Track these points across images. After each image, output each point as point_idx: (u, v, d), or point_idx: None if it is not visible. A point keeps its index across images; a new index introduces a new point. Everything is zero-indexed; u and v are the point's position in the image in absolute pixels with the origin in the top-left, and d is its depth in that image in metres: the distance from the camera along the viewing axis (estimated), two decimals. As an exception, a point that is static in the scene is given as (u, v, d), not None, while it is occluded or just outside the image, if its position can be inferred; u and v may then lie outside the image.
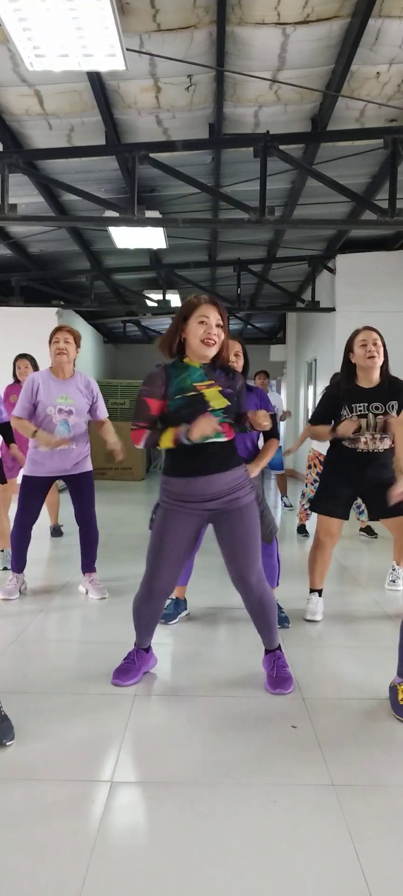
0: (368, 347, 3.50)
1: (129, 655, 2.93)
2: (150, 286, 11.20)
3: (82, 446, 4.18)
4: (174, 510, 2.69)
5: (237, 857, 1.77)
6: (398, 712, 2.56)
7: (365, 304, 8.80)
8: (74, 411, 4.08)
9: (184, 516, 2.68)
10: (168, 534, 2.70)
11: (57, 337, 4.11)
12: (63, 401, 4.06)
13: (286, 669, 2.86)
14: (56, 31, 3.51)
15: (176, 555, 2.72)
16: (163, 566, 2.71)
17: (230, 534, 2.70)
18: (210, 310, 2.62)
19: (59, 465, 4.09)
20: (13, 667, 3.07)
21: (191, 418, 2.55)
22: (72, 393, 4.10)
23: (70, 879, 1.67)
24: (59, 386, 4.09)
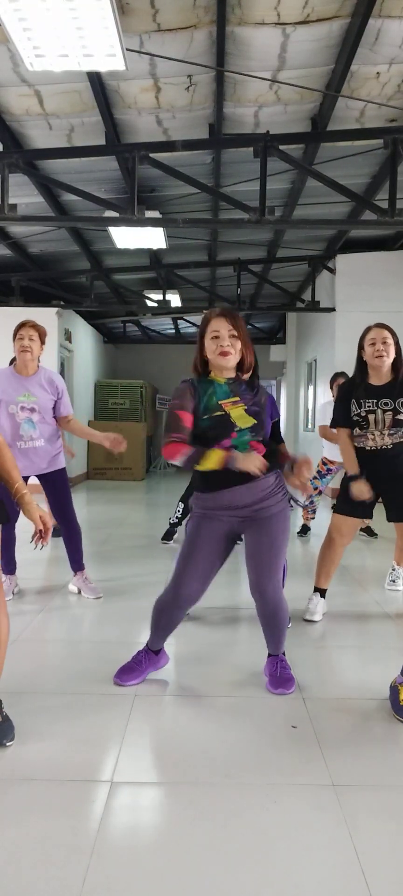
0: (377, 346, 3.52)
1: (138, 655, 2.91)
2: (150, 286, 11.20)
3: (53, 442, 4.08)
4: (205, 517, 2.70)
5: (237, 856, 1.77)
6: (398, 712, 2.56)
7: (365, 304, 8.80)
8: (37, 408, 3.97)
9: (215, 523, 2.68)
10: (199, 539, 2.69)
11: (21, 334, 3.99)
12: (25, 399, 3.95)
13: (288, 671, 2.87)
14: (56, 31, 3.51)
15: (206, 562, 2.70)
16: (191, 573, 2.69)
17: (255, 542, 2.69)
18: (220, 322, 2.62)
19: (31, 464, 3.99)
20: (13, 667, 3.07)
21: (218, 439, 2.57)
22: (35, 390, 3.98)
23: (70, 879, 1.67)
24: (21, 383, 3.97)
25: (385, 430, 3.51)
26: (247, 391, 2.70)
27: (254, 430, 2.64)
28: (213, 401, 2.62)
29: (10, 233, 8.45)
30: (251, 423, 2.63)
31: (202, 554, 2.69)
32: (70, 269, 10.16)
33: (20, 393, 3.96)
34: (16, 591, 4.20)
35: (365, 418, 3.53)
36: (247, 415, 2.63)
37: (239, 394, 2.66)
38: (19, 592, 4.24)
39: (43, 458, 4.03)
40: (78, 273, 9.95)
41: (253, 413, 2.65)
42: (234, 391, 2.65)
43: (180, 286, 10.64)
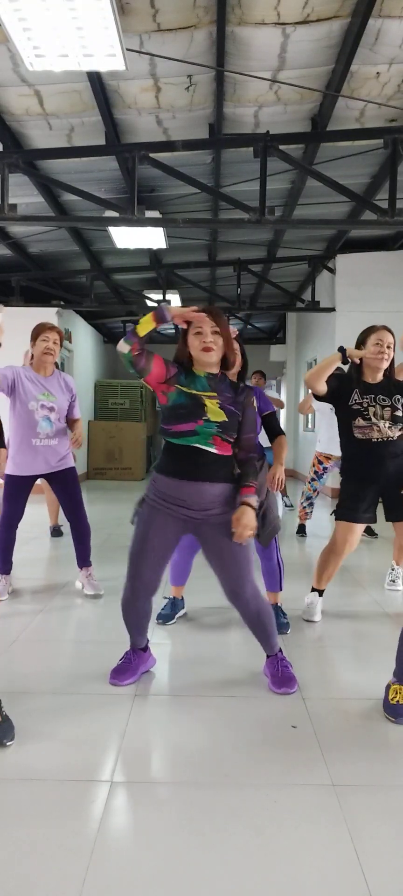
0: (382, 348, 3.57)
1: (126, 655, 2.94)
2: (150, 286, 11.19)
3: (64, 443, 4.18)
4: (159, 509, 2.67)
5: (237, 857, 1.77)
6: (387, 711, 2.58)
7: (365, 304, 8.80)
8: (56, 408, 4.10)
9: (168, 518, 2.66)
10: (150, 531, 2.68)
11: (46, 336, 4.08)
12: (45, 398, 4.07)
13: (289, 669, 2.87)
14: (56, 31, 3.51)
15: (158, 554, 2.70)
16: (145, 564, 2.69)
17: (217, 547, 2.66)
18: (203, 320, 2.64)
19: (43, 462, 4.09)
20: (13, 667, 3.07)
21: (186, 417, 2.58)
22: (54, 390, 4.12)
23: (70, 879, 1.67)
24: (43, 382, 4.10)
25: (387, 422, 3.54)
26: (228, 389, 2.68)
27: (223, 427, 2.60)
28: (191, 386, 2.63)
29: (10, 233, 8.45)
30: (221, 419, 2.60)
31: (153, 544, 2.67)
32: (70, 269, 10.16)
33: (41, 391, 4.07)
34: (10, 591, 4.21)
35: (367, 409, 3.55)
36: (220, 410, 2.61)
37: (218, 390, 2.65)
38: (13, 592, 4.23)
39: (54, 456, 4.12)
40: (78, 273, 9.95)
41: (227, 411, 2.62)
42: (213, 387, 2.65)
43: (180, 286, 10.64)
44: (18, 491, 4.09)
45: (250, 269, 9.43)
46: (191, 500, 2.61)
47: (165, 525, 2.67)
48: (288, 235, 8.74)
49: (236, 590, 2.68)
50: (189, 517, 2.64)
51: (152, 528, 2.68)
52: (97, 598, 4.13)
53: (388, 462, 3.54)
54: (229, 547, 2.62)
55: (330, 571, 3.75)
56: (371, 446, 3.54)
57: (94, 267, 9.76)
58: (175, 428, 2.61)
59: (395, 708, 2.55)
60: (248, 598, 2.69)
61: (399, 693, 2.58)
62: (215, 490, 2.61)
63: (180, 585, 3.74)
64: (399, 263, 9.24)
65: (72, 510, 4.21)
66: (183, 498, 2.62)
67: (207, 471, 2.60)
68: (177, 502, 2.63)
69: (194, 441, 2.58)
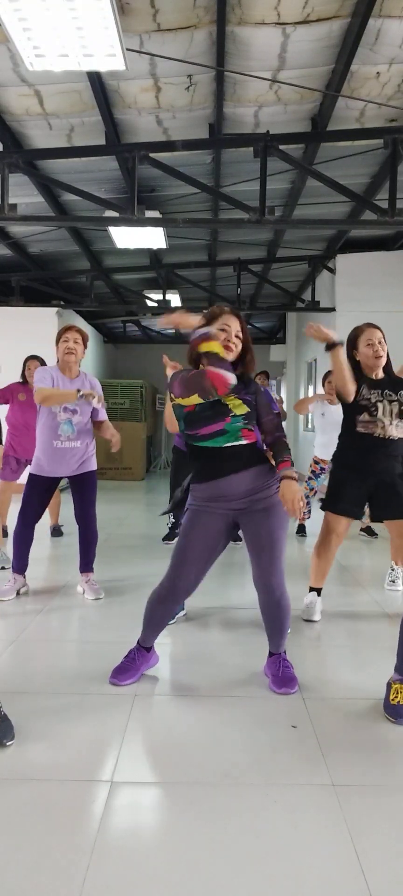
0: (375, 347, 3.58)
1: (130, 654, 2.93)
2: (150, 286, 11.20)
3: (88, 444, 4.19)
4: (201, 510, 2.74)
5: (237, 856, 1.77)
6: (387, 711, 2.58)
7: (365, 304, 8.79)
8: (79, 411, 4.09)
9: (210, 517, 2.73)
10: (194, 532, 2.74)
11: (66, 336, 4.11)
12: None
13: (291, 670, 2.87)
14: (56, 31, 3.51)
15: (201, 554, 2.74)
16: (187, 565, 2.74)
17: (255, 534, 2.74)
18: (232, 319, 2.76)
19: (64, 464, 4.10)
20: (13, 667, 3.07)
21: (213, 418, 2.66)
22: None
23: (70, 879, 1.67)
24: (67, 384, 4.09)
25: (394, 421, 3.55)
26: (239, 384, 2.73)
27: (247, 417, 2.71)
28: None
29: (10, 233, 8.45)
30: (245, 411, 2.70)
31: (197, 547, 2.73)
32: (70, 268, 10.16)
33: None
34: (22, 590, 4.20)
35: (375, 405, 3.56)
36: (242, 402, 2.70)
37: (238, 385, 2.71)
38: (26, 593, 4.23)
39: (76, 459, 4.12)
40: (78, 273, 9.95)
41: (247, 402, 2.71)
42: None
43: (180, 286, 10.64)
44: (39, 491, 4.11)
45: (250, 269, 9.43)
46: (232, 492, 2.69)
47: (208, 524, 2.73)
48: (288, 235, 8.73)
49: (265, 575, 2.73)
50: (231, 509, 2.72)
51: (195, 529, 2.74)
52: (92, 602, 4.13)
53: (383, 461, 3.55)
54: (268, 535, 2.71)
55: (324, 566, 3.77)
56: (372, 441, 3.55)
57: (94, 267, 9.76)
58: (203, 431, 2.69)
59: (396, 708, 2.55)
60: (275, 585, 2.74)
61: (399, 693, 2.58)
62: (251, 475, 2.70)
63: None
64: (399, 263, 9.23)
65: (83, 514, 4.21)
66: (223, 493, 2.69)
67: (242, 461, 2.69)
68: (218, 500, 2.71)
69: (224, 441, 2.67)
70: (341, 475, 3.68)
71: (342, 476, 3.67)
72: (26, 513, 4.11)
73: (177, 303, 11.22)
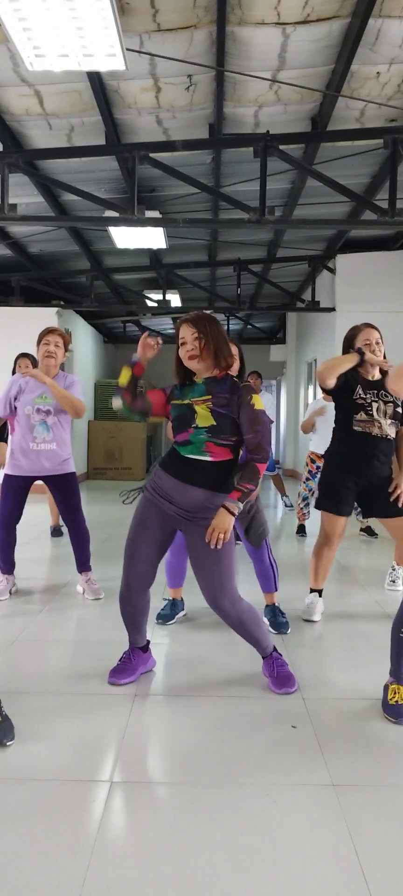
0: (371, 347, 3.58)
1: (124, 655, 2.94)
2: (150, 286, 11.19)
3: (64, 446, 4.16)
4: (153, 503, 2.73)
5: (237, 856, 1.77)
6: (386, 711, 2.58)
7: (365, 304, 8.79)
8: (52, 411, 4.07)
9: (160, 511, 2.72)
10: (144, 523, 2.75)
11: (47, 339, 4.10)
12: (41, 401, 4.06)
13: (285, 668, 2.87)
14: (56, 31, 3.51)
15: (152, 546, 2.75)
16: (138, 556, 2.75)
17: (195, 551, 2.70)
18: (185, 329, 2.71)
19: (38, 465, 4.08)
20: (13, 667, 3.07)
21: (180, 427, 2.68)
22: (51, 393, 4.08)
23: (70, 879, 1.67)
24: (40, 386, 4.07)
25: (388, 420, 3.56)
26: (226, 390, 2.66)
27: (212, 430, 2.61)
28: (187, 396, 2.71)
29: (10, 233, 8.45)
30: (209, 424, 2.61)
31: (147, 536, 2.74)
32: (70, 269, 10.16)
33: (37, 395, 4.07)
34: (13, 590, 4.21)
35: (370, 405, 3.57)
36: (210, 414, 2.62)
37: (214, 392, 2.66)
38: (16, 592, 4.24)
39: (51, 460, 4.10)
40: (78, 273, 9.95)
41: (216, 414, 2.61)
42: (209, 390, 2.68)
43: (180, 286, 10.63)
44: (15, 491, 4.10)
45: (250, 269, 9.43)
46: (179, 500, 2.66)
47: (158, 518, 2.73)
48: (288, 235, 8.73)
49: (212, 599, 2.69)
50: (178, 514, 2.69)
51: (146, 521, 2.75)
52: (92, 602, 4.13)
53: (376, 460, 3.56)
54: (207, 554, 2.62)
55: (324, 566, 3.77)
56: (368, 440, 3.56)
57: (94, 267, 9.76)
58: (176, 439, 2.72)
59: (395, 708, 2.56)
60: (227, 609, 2.69)
61: (397, 693, 2.58)
62: (206, 496, 2.63)
63: (177, 587, 3.74)
64: (399, 263, 9.23)
65: (70, 516, 4.21)
66: (174, 496, 2.67)
67: (203, 477, 2.63)
68: (168, 499, 2.69)
69: (189, 452, 2.65)
70: (335, 473, 3.68)
71: (336, 474, 3.67)
72: (6, 515, 4.12)
73: (177, 303, 11.21)
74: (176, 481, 2.66)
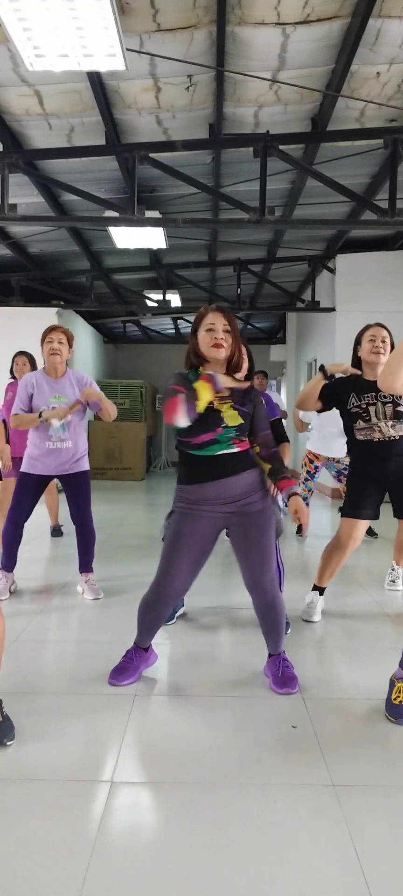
0: (376, 343, 3.60)
1: (128, 654, 2.93)
2: (150, 286, 11.20)
3: (79, 444, 4.17)
4: (190, 513, 2.72)
5: (237, 857, 1.77)
6: (388, 710, 2.58)
7: (365, 304, 8.80)
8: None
9: (199, 519, 2.71)
10: (183, 535, 2.72)
11: (50, 337, 4.09)
12: (56, 401, 4.06)
13: (291, 669, 2.87)
14: (56, 31, 3.51)
15: (190, 557, 2.72)
16: (176, 568, 2.72)
17: (244, 538, 2.73)
18: (216, 317, 2.71)
19: (56, 463, 4.09)
20: (13, 667, 3.07)
21: (205, 427, 2.65)
22: (66, 391, 4.10)
23: (70, 879, 1.67)
24: (53, 386, 4.09)
25: (389, 422, 3.54)
26: (237, 390, 2.73)
27: (240, 429, 2.70)
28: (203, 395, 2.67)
29: (10, 233, 8.45)
30: (238, 423, 2.69)
31: (185, 551, 2.72)
32: (70, 269, 10.16)
33: (52, 395, 4.07)
34: (13, 588, 4.21)
35: (366, 410, 3.56)
36: (236, 413, 2.69)
37: (233, 393, 2.71)
38: (16, 591, 4.24)
39: (68, 458, 4.11)
40: (78, 273, 9.95)
41: (242, 413, 2.70)
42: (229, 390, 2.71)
43: (180, 286, 10.64)
44: (30, 489, 4.11)
45: (250, 269, 9.43)
46: (226, 494, 2.68)
47: (197, 527, 2.71)
48: (288, 235, 8.73)
49: (257, 579, 2.74)
50: (220, 513, 2.70)
51: (184, 532, 2.72)
52: (92, 602, 4.13)
53: (391, 461, 3.55)
54: (257, 535, 2.71)
55: (333, 567, 3.77)
56: (374, 447, 3.55)
57: (94, 267, 9.76)
58: (196, 440, 2.67)
59: (397, 708, 2.54)
60: (267, 587, 2.75)
61: (402, 692, 2.57)
62: (241, 481, 2.70)
63: None
64: (399, 263, 9.23)
65: (79, 514, 4.21)
66: (213, 497, 2.68)
67: (231, 467, 2.69)
68: (207, 503, 2.69)
69: (216, 449, 2.66)
70: (359, 483, 3.66)
71: (358, 484, 3.66)
72: (18, 512, 4.11)
73: (177, 303, 11.22)
74: (220, 480, 2.67)
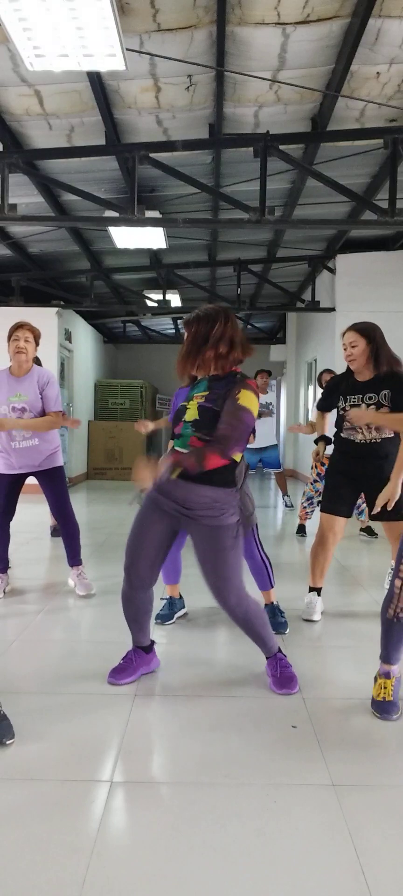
0: (347, 351, 3.63)
1: (127, 654, 2.94)
2: (150, 286, 11.19)
3: (48, 441, 4.13)
4: (155, 501, 2.72)
5: (237, 857, 1.77)
6: (373, 707, 2.60)
7: (365, 304, 8.79)
8: (28, 408, 4.02)
9: (162, 511, 2.71)
10: (146, 522, 2.75)
11: (17, 335, 4.07)
12: (16, 399, 4.03)
13: (289, 669, 2.87)
14: (56, 31, 3.51)
15: (153, 545, 2.74)
16: (140, 555, 2.74)
17: (200, 550, 2.69)
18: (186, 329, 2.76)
19: (23, 462, 4.09)
20: (13, 667, 3.07)
21: (175, 421, 2.75)
22: (26, 389, 4.04)
23: (70, 879, 1.67)
24: (14, 384, 4.05)
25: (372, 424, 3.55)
26: (223, 386, 2.65)
27: (195, 425, 2.61)
28: (190, 394, 2.74)
29: (10, 233, 8.45)
30: (192, 418, 2.62)
31: (148, 536, 2.74)
32: (70, 269, 10.16)
33: (12, 393, 4.04)
34: (7, 589, 4.22)
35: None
36: (197, 409, 2.62)
37: (213, 388, 2.67)
38: (11, 591, 4.24)
39: (37, 456, 4.09)
40: (78, 273, 9.95)
41: (202, 408, 2.60)
42: (210, 386, 2.68)
43: (180, 286, 10.63)
44: (6, 488, 4.12)
45: (250, 269, 9.43)
46: (184, 498, 2.64)
47: (160, 518, 2.72)
48: (288, 235, 8.73)
49: (218, 595, 2.70)
50: (180, 513, 2.68)
51: (148, 520, 2.75)
52: (89, 598, 4.13)
53: (368, 464, 3.57)
54: (209, 553, 2.64)
55: (321, 565, 3.80)
56: (354, 447, 3.62)
57: (94, 267, 9.76)
58: (175, 430, 2.76)
59: (380, 704, 2.58)
60: (232, 605, 2.69)
61: (384, 689, 2.59)
62: (206, 493, 2.60)
63: (174, 584, 3.73)
64: (399, 263, 9.23)
65: (59, 509, 4.22)
66: (177, 495, 2.65)
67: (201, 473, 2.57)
68: (169, 497, 2.68)
69: (179, 445, 2.67)
70: (335, 479, 3.76)
71: (334, 477, 3.77)
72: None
73: (177, 303, 11.21)
74: (179, 480, 2.62)
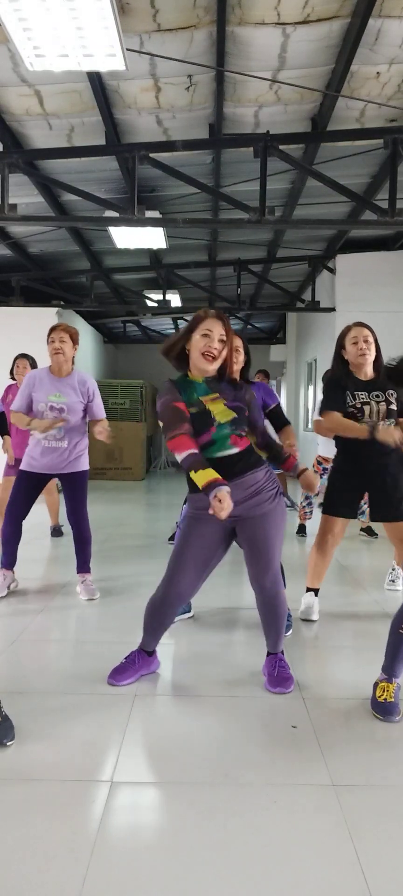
0: (359, 345, 3.55)
1: (131, 655, 2.92)
2: (150, 286, 11.20)
3: (77, 444, 4.16)
4: (198, 518, 2.70)
5: (237, 857, 1.77)
6: (374, 709, 2.59)
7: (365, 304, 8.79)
8: (66, 409, 4.06)
9: (207, 525, 2.68)
10: (192, 538, 2.72)
11: (52, 336, 4.13)
12: (55, 398, 4.06)
13: (287, 670, 2.87)
14: (56, 31, 3.51)
15: (198, 560, 2.72)
16: (183, 570, 2.71)
17: (250, 539, 2.71)
18: (214, 324, 2.65)
19: (54, 462, 4.10)
20: (13, 667, 3.07)
21: (198, 433, 2.60)
22: (66, 391, 4.09)
23: (70, 879, 1.67)
24: (54, 384, 4.10)
25: (383, 421, 3.53)
26: (228, 388, 2.71)
27: (235, 423, 2.65)
28: (194, 397, 2.66)
29: (10, 233, 8.45)
30: (231, 417, 2.64)
31: (193, 553, 2.71)
32: (70, 269, 10.16)
33: (52, 392, 4.08)
34: (12, 586, 4.21)
35: (361, 409, 3.54)
36: (228, 409, 2.65)
37: (219, 390, 2.68)
38: (16, 589, 4.24)
39: (64, 459, 4.12)
40: (78, 273, 9.95)
41: (234, 408, 2.66)
42: (213, 388, 2.68)
43: (180, 286, 10.64)
44: (27, 487, 4.13)
45: (250, 269, 9.43)
46: (237, 497, 2.58)
47: (205, 531, 2.70)
48: (288, 235, 8.73)
49: (259, 576, 2.73)
50: (229, 516, 2.59)
51: (193, 535, 2.72)
52: (92, 602, 4.13)
53: (375, 461, 3.55)
54: (260, 540, 2.69)
55: (320, 566, 3.78)
56: (361, 445, 3.55)
57: (94, 267, 9.76)
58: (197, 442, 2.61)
59: (382, 705, 2.57)
60: (267, 587, 2.74)
61: (386, 691, 2.59)
62: (248, 482, 2.66)
63: None
64: (399, 263, 9.23)
65: (75, 515, 4.21)
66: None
67: (232, 471, 2.61)
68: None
69: (215, 451, 2.61)
70: (338, 479, 3.70)
71: (338, 480, 3.70)
72: (15, 508, 4.13)
73: (177, 303, 11.22)
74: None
